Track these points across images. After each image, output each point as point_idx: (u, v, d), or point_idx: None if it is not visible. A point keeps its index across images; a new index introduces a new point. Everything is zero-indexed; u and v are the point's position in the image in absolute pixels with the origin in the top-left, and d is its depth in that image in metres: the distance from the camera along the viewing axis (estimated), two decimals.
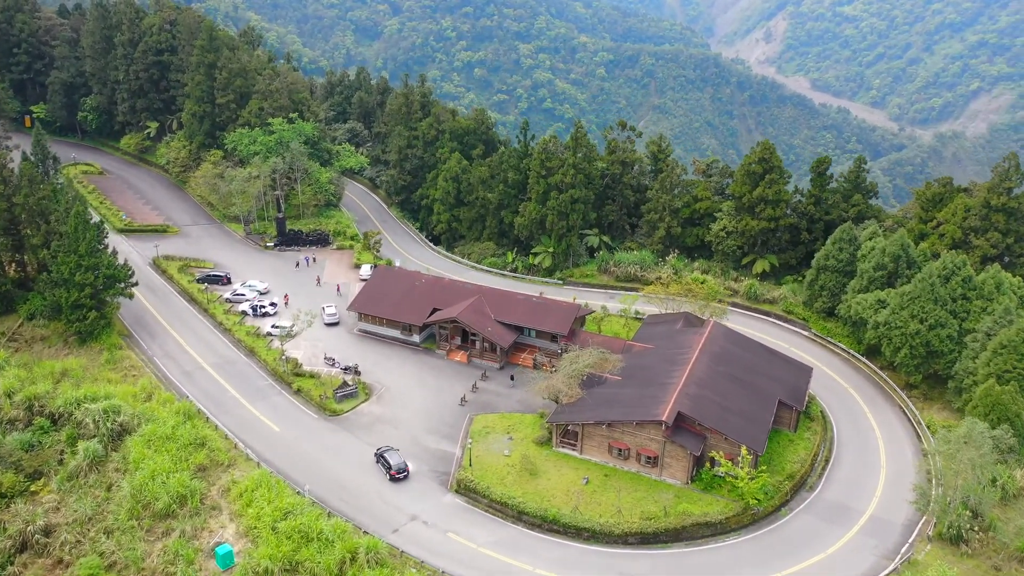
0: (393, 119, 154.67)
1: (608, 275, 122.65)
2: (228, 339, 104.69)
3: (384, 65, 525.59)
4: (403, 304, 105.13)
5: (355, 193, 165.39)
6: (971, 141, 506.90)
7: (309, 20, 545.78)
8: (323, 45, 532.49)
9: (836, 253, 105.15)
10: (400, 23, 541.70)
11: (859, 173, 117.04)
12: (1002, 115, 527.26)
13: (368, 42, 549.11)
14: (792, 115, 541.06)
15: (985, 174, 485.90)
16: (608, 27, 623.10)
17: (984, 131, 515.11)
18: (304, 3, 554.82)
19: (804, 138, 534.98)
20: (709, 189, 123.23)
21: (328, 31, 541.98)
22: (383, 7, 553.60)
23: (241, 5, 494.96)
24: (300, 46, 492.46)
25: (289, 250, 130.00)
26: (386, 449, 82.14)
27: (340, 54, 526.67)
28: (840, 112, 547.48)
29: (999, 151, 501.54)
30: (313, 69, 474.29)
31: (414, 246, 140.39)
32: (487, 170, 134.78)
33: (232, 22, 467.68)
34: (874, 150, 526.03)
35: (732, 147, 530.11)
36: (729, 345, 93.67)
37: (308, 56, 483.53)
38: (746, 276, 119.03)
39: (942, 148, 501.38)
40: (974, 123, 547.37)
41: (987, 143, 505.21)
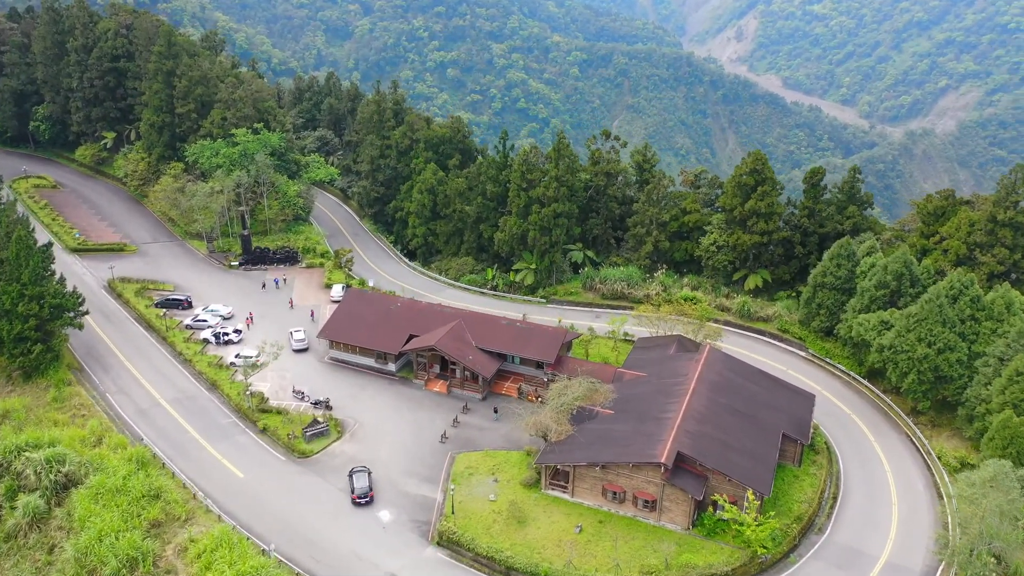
0: (365, 127, 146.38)
1: (594, 292, 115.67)
2: (188, 371, 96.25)
3: (356, 66, 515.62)
4: (377, 330, 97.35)
5: (326, 204, 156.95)
6: (940, 139, 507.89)
7: (279, 20, 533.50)
8: (293, 46, 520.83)
9: (834, 270, 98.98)
10: (371, 23, 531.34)
11: (854, 183, 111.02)
12: (970, 112, 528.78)
13: (339, 42, 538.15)
14: (765, 114, 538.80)
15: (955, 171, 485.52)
16: (581, 26, 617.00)
17: (953, 128, 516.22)
18: (274, 3, 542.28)
19: (777, 136, 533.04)
20: (698, 201, 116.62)
21: (298, 31, 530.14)
22: (354, 7, 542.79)
23: (208, 5, 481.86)
24: (270, 47, 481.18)
25: (255, 269, 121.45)
26: (357, 469, 77.94)
27: (311, 55, 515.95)
28: (812, 110, 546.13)
29: (968, 148, 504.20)
30: (283, 70, 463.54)
31: (388, 262, 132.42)
32: (464, 182, 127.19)
33: (200, 23, 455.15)
34: (846, 148, 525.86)
35: (706, 146, 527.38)
36: (727, 373, 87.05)
37: (278, 57, 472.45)
38: (738, 292, 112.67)
39: (912, 146, 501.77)
40: (943, 120, 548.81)
41: (956, 140, 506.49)
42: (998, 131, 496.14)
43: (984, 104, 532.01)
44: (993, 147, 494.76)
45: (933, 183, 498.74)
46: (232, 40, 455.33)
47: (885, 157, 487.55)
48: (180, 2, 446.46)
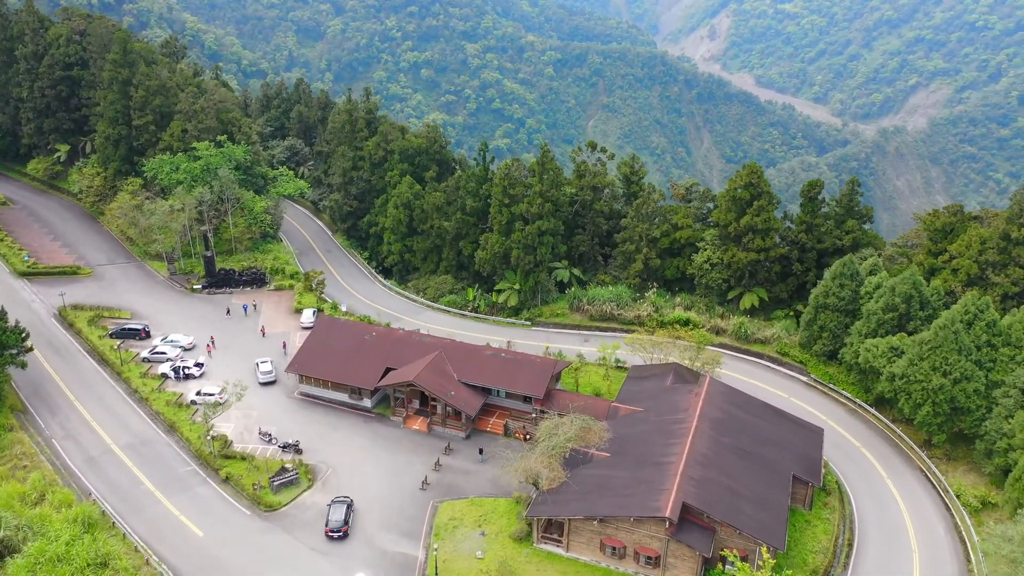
0: (336, 138, 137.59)
1: (581, 314, 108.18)
2: (144, 411, 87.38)
3: (328, 67, 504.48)
4: (351, 363, 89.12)
5: (296, 217, 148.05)
6: (912, 136, 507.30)
7: (249, 21, 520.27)
8: (264, 47, 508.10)
9: (836, 290, 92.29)
10: (344, 23, 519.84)
11: (852, 196, 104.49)
12: (940, 109, 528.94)
13: (311, 43, 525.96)
14: (739, 112, 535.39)
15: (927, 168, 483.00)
16: (555, 26, 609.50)
17: (924, 126, 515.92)
18: (243, 3, 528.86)
19: (751, 135, 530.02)
20: (689, 216, 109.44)
21: (269, 32, 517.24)
22: (325, 7, 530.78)
23: (176, 6, 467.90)
24: (240, 48, 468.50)
25: (220, 293, 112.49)
26: (337, 499, 72.75)
27: (282, 56, 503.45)
28: (785, 108, 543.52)
29: (939, 145, 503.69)
30: (253, 72, 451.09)
31: (362, 281, 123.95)
32: (442, 196, 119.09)
33: (167, 24, 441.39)
34: (819, 146, 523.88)
35: (681, 145, 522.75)
36: (730, 407, 79.97)
37: (248, 59, 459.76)
38: (733, 312, 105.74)
39: (885, 143, 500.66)
40: (913, 117, 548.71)
41: (928, 137, 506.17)
42: (968, 128, 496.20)
43: (954, 101, 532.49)
44: (963, 144, 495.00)
45: (906, 180, 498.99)
46: (201, 42, 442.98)
47: (858, 155, 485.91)
48: (147, 3, 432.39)
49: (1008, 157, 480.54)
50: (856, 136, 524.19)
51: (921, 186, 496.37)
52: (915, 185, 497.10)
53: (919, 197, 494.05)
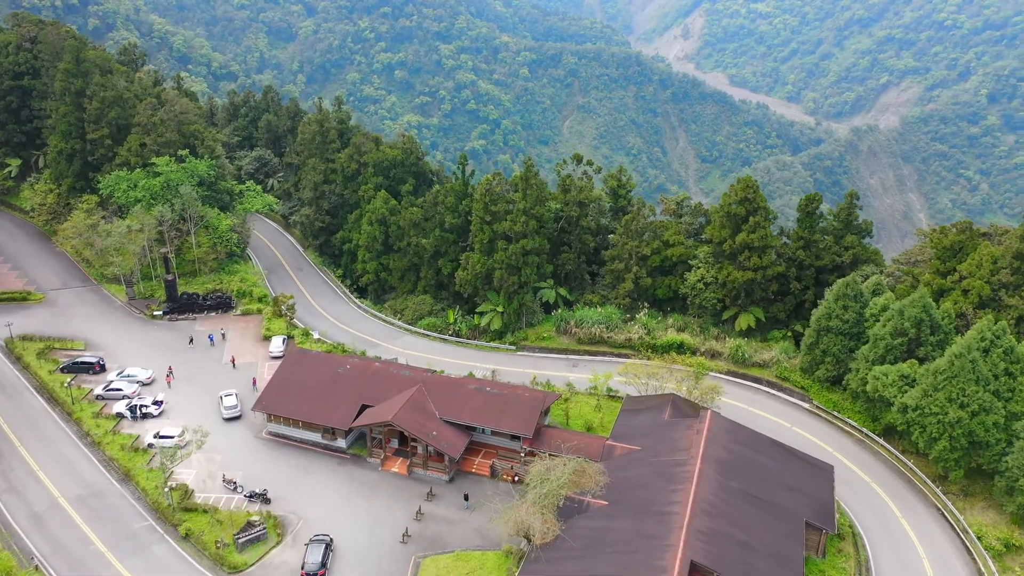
0: (306, 149, 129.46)
1: (568, 336, 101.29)
2: (97, 457, 79.20)
3: (300, 68, 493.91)
4: (323, 400, 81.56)
5: (266, 232, 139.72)
6: (885, 134, 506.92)
7: (219, 22, 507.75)
8: (235, 49, 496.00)
9: (840, 312, 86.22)
10: (315, 24, 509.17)
11: (851, 210, 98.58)
12: (911, 108, 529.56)
13: (283, 44, 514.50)
14: (714, 112, 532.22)
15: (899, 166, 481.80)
16: (529, 26, 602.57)
17: (896, 124, 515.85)
18: (213, 4, 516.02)
19: (726, 135, 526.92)
20: (681, 232, 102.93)
21: (240, 34, 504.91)
22: (297, 8, 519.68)
23: (144, 8, 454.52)
24: (209, 50, 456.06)
25: (182, 319, 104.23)
26: (316, 538, 67.98)
27: (253, 58, 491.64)
28: (760, 108, 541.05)
29: (911, 143, 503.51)
30: (224, 74, 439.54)
31: (336, 302, 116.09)
32: (420, 212, 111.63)
33: (135, 25, 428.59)
34: (794, 145, 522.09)
35: (657, 145, 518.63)
36: (735, 446, 73.54)
37: (218, 61, 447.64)
38: (728, 333, 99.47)
39: (858, 142, 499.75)
40: (885, 115, 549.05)
41: (900, 136, 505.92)
42: (939, 126, 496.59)
43: (924, 100, 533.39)
44: (935, 142, 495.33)
45: (879, 178, 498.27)
46: (169, 44, 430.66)
47: (832, 154, 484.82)
48: (113, 4, 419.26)
49: (978, 155, 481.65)
50: (829, 135, 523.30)
51: (894, 184, 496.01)
52: (888, 183, 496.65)
53: (892, 195, 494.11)
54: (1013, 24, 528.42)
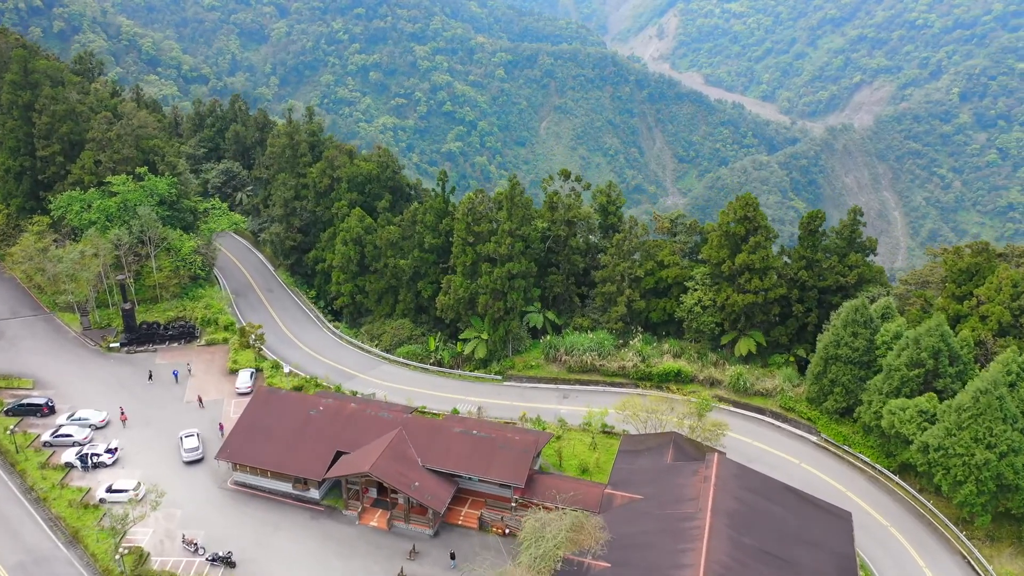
0: (276, 163, 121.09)
1: (558, 364, 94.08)
2: (42, 515, 70.77)
3: (273, 70, 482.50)
4: (294, 446, 73.71)
5: (234, 250, 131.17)
6: (859, 133, 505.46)
7: (189, 24, 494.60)
8: (206, 51, 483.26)
9: (849, 339, 79.83)
10: (288, 26, 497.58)
11: (854, 227, 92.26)
12: (884, 107, 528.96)
13: (255, 46, 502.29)
14: (690, 112, 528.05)
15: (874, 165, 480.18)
16: (504, 27, 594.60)
17: (870, 123, 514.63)
18: (183, 6, 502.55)
19: (703, 134, 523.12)
20: (676, 252, 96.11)
21: (210, 35, 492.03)
22: (269, 9, 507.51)
23: (111, 10, 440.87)
24: (179, 53, 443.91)
25: (141, 351, 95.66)
26: None
27: (225, 60, 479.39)
28: (735, 107, 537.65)
29: (885, 142, 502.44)
30: (195, 77, 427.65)
31: (308, 328, 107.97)
32: (397, 231, 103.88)
33: (102, 28, 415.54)
34: (770, 144, 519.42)
35: (634, 145, 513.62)
36: (746, 494, 66.73)
37: (189, 63, 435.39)
38: (727, 359, 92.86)
39: (833, 141, 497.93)
40: (859, 114, 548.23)
41: (874, 134, 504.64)
42: (912, 125, 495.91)
43: (897, 98, 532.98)
44: (908, 140, 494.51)
45: (854, 177, 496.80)
46: (138, 46, 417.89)
47: (808, 153, 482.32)
48: (79, 6, 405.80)
49: (951, 153, 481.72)
50: (805, 134, 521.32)
51: (869, 183, 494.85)
52: (863, 182, 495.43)
53: (867, 193, 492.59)
54: (983, 23, 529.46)
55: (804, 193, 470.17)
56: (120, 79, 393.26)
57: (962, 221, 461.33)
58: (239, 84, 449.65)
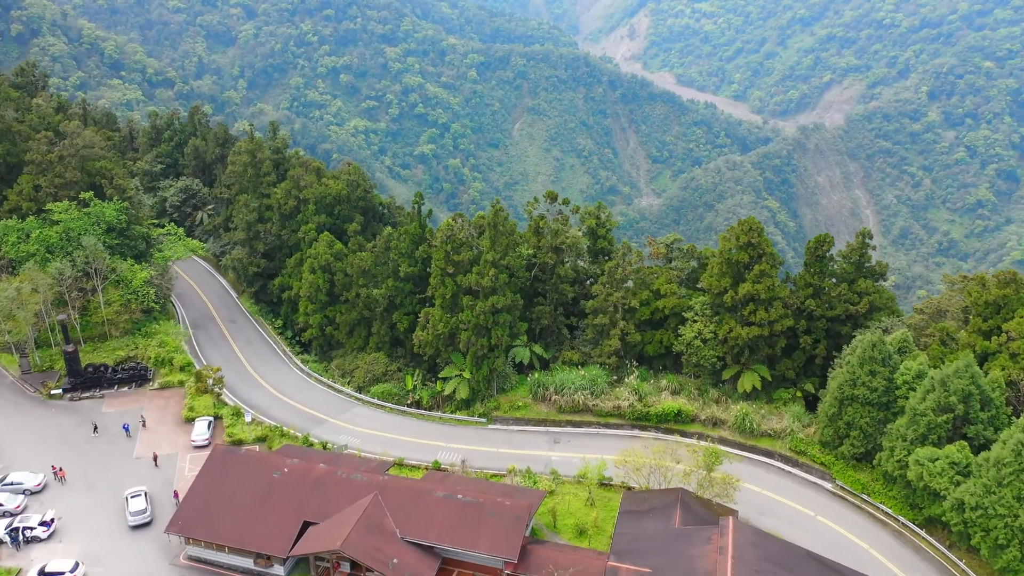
0: (237, 183, 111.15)
1: (547, 404, 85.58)
2: None
3: (241, 73, 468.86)
4: (256, 516, 64.39)
5: (194, 274, 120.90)
6: (831, 132, 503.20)
7: (154, 26, 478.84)
8: (171, 54, 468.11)
9: (867, 379, 72.23)
10: (256, 28, 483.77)
11: (863, 251, 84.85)
12: (855, 105, 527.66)
13: (222, 49, 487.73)
14: (663, 112, 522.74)
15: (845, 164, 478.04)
16: (476, 27, 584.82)
17: (841, 121, 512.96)
18: (147, 8, 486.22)
19: (676, 135, 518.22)
20: (673, 279, 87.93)
21: (176, 38, 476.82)
22: (236, 11, 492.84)
23: (72, 12, 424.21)
24: (144, 56, 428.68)
25: (87, 397, 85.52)
26: None
27: (191, 63, 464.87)
28: (708, 107, 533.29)
29: (856, 141, 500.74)
30: (160, 81, 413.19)
31: (274, 364, 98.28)
32: (370, 257, 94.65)
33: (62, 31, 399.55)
34: (742, 144, 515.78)
35: (608, 146, 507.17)
36: (767, 567, 58.58)
37: (153, 67, 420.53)
38: (730, 395, 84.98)
39: (805, 140, 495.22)
40: (829, 113, 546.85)
41: (845, 133, 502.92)
42: (882, 123, 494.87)
43: (867, 97, 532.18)
44: (879, 139, 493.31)
45: (826, 176, 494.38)
46: (100, 50, 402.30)
47: (780, 152, 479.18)
48: (38, 8, 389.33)
49: (921, 151, 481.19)
50: (777, 133, 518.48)
51: (841, 181, 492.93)
52: (835, 180, 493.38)
53: (839, 192, 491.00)
54: (949, 22, 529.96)
55: (777, 193, 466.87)
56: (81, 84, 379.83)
57: (932, 219, 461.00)
58: (206, 87, 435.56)
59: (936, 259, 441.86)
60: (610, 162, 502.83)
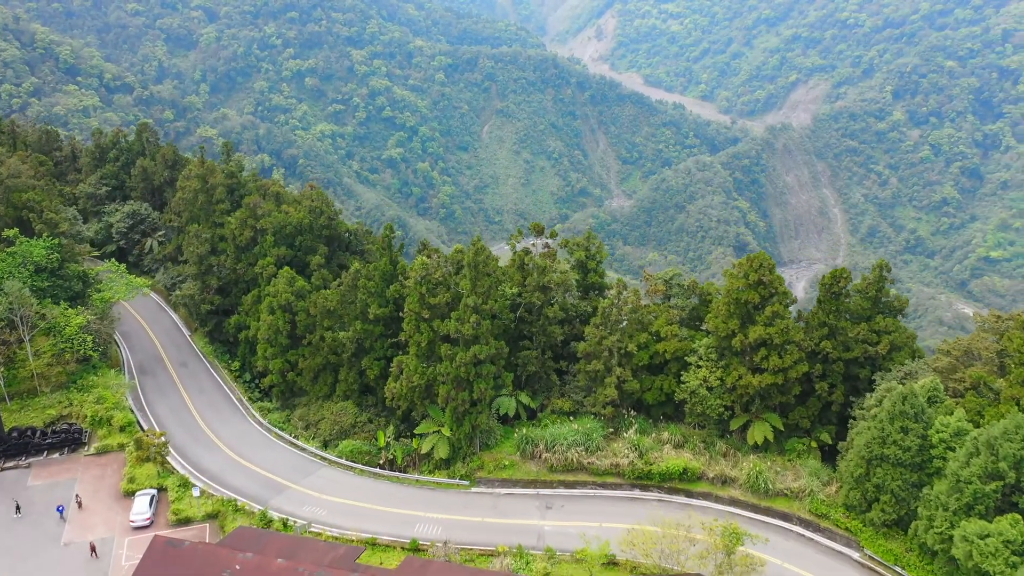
0: (187, 211, 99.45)
1: (537, 462, 75.57)
2: None
3: (203, 77, 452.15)
4: None
5: (143, 308, 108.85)
6: (798, 132, 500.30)
7: (112, 30, 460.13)
8: (130, 58, 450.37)
9: (898, 437, 63.34)
10: (218, 31, 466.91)
11: (880, 285, 76.01)
12: (821, 105, 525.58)
13: (183, 52, 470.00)
14: (632, 113, 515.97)
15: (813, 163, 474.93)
16: (443, 29, 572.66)
17: (808, 121, 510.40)
18: (104, 11, 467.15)
19: (645, 136, 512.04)
20: (674, 320, 78.29)
21: (135, 41, 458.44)
22: (197, 14, 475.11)
23: (24, 16, 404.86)
24: (101, 60, 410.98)
25: (10, 467, 73.64)
26: None
27: (151, 67, 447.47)
28: (676, 108, 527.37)
29: (823, 140, 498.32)
30: (118, 87, 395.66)
31: (230, 416, 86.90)
32: (335, 296, 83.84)
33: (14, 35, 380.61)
34: (711, 144, 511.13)
35: (578, 148, 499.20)
36: None
37: (111, 72, 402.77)
38: (739, 447, 75.74)
39: (773, 140, 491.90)
40: (796, 113, 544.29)
41: (812, 133, 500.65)
42: (849, 123, 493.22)
43: (832, 97, 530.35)
44: (845, 138, 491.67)
45: (795, 176, 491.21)
46: (55, 55, 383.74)
47: (749, 152, 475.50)
48: None
49: (887, 150, 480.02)
50: (745, 133, 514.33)
51: (809, 181, 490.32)
52: (803, 180, 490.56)
53: (807, 192, 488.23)
54: (911, 22, 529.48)
55: (747, 192, 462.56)
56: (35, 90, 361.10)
57: (899, 216, 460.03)
58: (167, 92, 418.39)
59: (904, 256, 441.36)
60: (580, 164, 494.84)
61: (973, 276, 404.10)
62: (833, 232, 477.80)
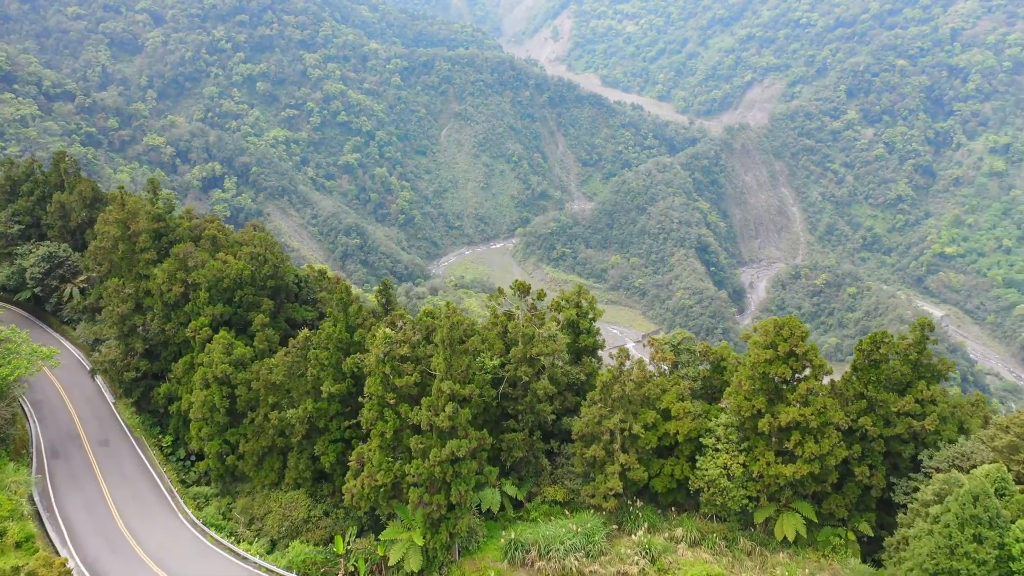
0: (106, 261, 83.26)
1: (527, 569, 61.96)
2: None
3: (150, 83, 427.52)
4: None
5: (62, 371, 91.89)
6: (755, 132, 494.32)
7: (51, 34, 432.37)
8: (71, 63, 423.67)
9: (971, 548, 51.25)
10: (164, 35, 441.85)
11: (922, 347, 63.93)
12: (777, 104, 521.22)
13: (128, 57, 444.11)
14: (591, 115, 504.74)
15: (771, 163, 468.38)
16: (398, 32, 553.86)
17: (765, 121, 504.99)
18: (43, 15, 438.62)
19: (605, 137, 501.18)
20: (685, 394, 65.24)
21: (76, 46, 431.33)
22: (142, 17, 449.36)
23: None
24: (39, 67, 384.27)
25: None
26: None
27: (94, 73, 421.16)
28: (635, 109, 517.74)
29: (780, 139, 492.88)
30: (58, 95, 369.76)
31: (157, 513, 71.34)
32: (282, 368, 68.90)
33: None
34: (670, 145, 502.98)
35: (537, 150, 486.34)
36: None
37: (51, 79, 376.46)
38: (765, 543, 63.07)
39: (731, 140, 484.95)
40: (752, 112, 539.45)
41: (769, 132, 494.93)
42: (805, 122, 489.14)
43: (788, 96, 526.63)
44: (802, 137, 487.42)
45: (753, 175, 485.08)
46: None
47: (708, 153, 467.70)
48: None
49: (842, 148, 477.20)
50: (703, 134, 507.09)
51: (767, 180, 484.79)
52: (762, 179, 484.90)
53: (766, 191, 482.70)
54: (862, 22, 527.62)
55: (707, 193, 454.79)
56: None
57: (856, 214, 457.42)
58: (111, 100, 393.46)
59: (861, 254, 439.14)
60: (540, 167, 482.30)
61: (929, 272, 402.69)
62: (792, 231, 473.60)
